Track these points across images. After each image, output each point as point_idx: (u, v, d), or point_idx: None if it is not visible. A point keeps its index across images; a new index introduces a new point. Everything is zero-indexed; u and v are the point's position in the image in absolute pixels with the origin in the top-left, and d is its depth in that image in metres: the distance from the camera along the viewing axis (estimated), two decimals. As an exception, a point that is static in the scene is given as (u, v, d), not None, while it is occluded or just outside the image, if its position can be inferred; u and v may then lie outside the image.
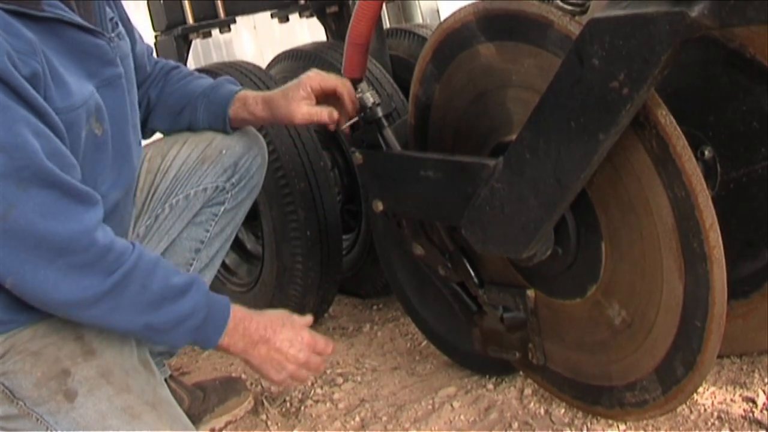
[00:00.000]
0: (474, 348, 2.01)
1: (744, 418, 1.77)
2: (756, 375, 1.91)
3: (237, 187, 2.07)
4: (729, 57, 1.79)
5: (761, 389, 1.84)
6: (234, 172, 2.05)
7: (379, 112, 1.92)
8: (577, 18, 1.58)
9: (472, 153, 1.82)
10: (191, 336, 1.66)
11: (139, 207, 1.99)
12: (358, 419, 2.10)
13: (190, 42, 2.85)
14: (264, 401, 2.29)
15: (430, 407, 2.08)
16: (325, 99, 1.96)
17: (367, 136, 1.96)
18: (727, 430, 1.75)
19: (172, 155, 2.01)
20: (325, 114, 1.93)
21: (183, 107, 2.03)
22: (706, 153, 1.85)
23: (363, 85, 1.95)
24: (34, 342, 1.62)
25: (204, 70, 2.65)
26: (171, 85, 2.05)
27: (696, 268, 1.50)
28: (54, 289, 1.50)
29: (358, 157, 1.96)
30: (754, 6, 1.21)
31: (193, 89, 2.03)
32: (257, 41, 5.32)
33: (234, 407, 2.23)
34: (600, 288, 1.69)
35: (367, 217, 2.65)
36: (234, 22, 2.95)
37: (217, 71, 2.55)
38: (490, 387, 2.11)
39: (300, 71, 1.99)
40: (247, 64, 2.74)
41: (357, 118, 1.96)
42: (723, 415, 1.79)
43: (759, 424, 1.74)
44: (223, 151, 2.03)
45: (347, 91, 1.94)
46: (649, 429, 1.79)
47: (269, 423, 2.18)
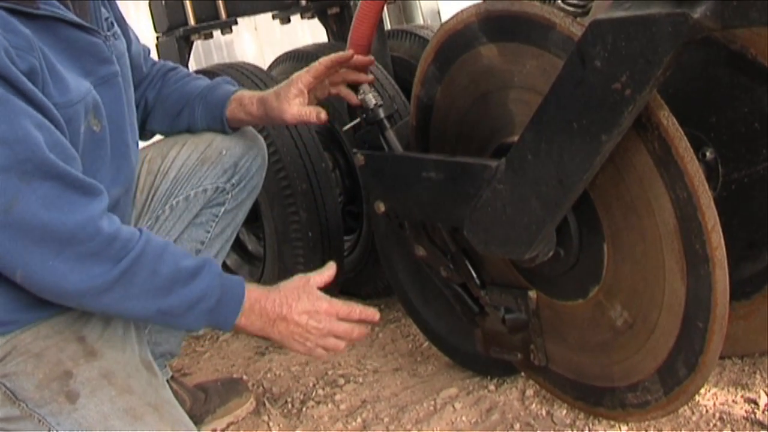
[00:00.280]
0: (476, 349, 2.01)
1: (746, 419, 1.77)
2: (758, 376, 1.91)
3: (237, 188, 2.07)
4: (731, 58, 1.79)
5: (763, 390, 1.84)
6: (234, 172, 2.05)
7: (381, 113, 1.92)
8: (579, 19, 1.58)
9: (474, 154, 1.82)
10: (206, 318, 1.64)
11: (140, 208, 1.99)
12: (359, 420, 2.10)
13: (191, 43, 2.85)
14: (266, 402, 2.29)
15: (431, 408, 2.08)
16: (333, 78, 1.99)
17: (369, 137, 1.97)
18: (729, 431, 1.75)
19: (171, 156, 2.01)
20: (313, 114, 1.93)
21: (181, 108, 2.03)
22: (707, 154, 1.85)
23: (365, 86, 1.95)
24: (35, 343, 1.61)
25: (205, 71, 2.65)
26: (169, 87, 2.05)
27: (698, 269, 1.50)
28: (63, 280, 1.50)
29: (359, 159, 1.96)
30: (756, 7, 1.22)
31: (191, 90, 2.04)
32: (258, 42, 5.32)
33: (235, 408, 2.23)
34: (602, 289, 1.69)
35: (369, 218, 2.65)
36: (235, 23, 2.95)
37: (218, 72, 2.55)
38: (491, 388, 2.11)
39: (301, 72, 2.00)
40: (249, 65, 2.74)
41: (359, 119, 1.96)
42: (725, 416, 1.79)
43: (761, 425, 1.74)
44: (223, 152, 2.02)
45: (332, 59, 1.95)
46: (651, 430, 1.79)
47: (271, 424, 2.18)
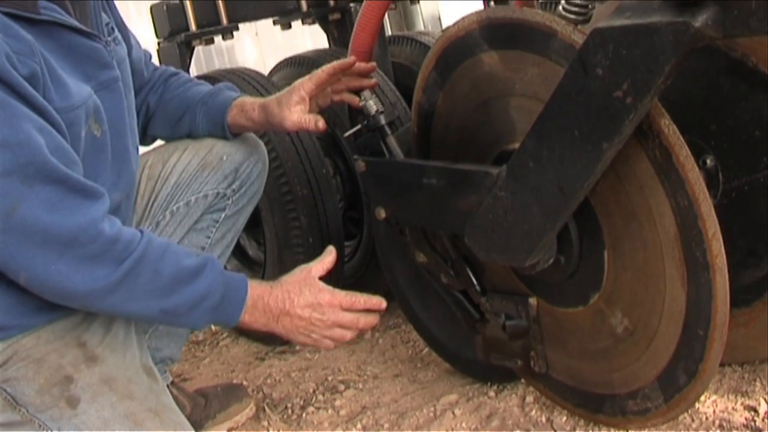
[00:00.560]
0: (476, 355, 2.00)
1: (745, 426, 1.77)
2: (757, 384, 1.91)
3: (238, 194, 2.07)
4: (731, 66, 1.79)
5: (763, 398, 1.84)
6: (235, 178, 2.05)
7: (382, 119, 1.92)
8: (580, 27, 1.58)
9: (475, 161, 1.82)
10: (210, 316, 1.65)
11: (140, 213, 1.99)
12: (359, 426, 2.10)
13: (192, 49, 2.85)
14: (266, 408, 2.29)
15: (431, 414, 2.08)
16: (335, 86, 1.99)
17: (370, 143, 1.97)
18: (729, 438, 1.75)
19: (172, 162, 2.01)
20: (312, 122, 1.93)
21: (182, 114, 2.04)
22: (708, 162, 1.85)
23: (366, 93, 1.95)
24: (36, 348, 1.62)
25: (206, 76, 2.65)
26: (170, 92, 2.06)
27: (698, 276, 1.50)
28: (67, 282, 1.51)
29: (360, 165, 1.96)
30: (757, 17, 1.22)
31: (192, 96, 2.04)
32: (259, 47, 5.33)
33: (235, 414, 2.23)
34: (602, 296, 1.69)
35: (369, 224, 2.65)
36: (237, 29, 2.95)
37: (220, 78, 2.55)
38: (491, 394, 2.10)
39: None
40: (250, 71, 2.74)
41: (360, 125, 1.96)
42: (724, 424, 1.79)
43: (760, 432, 1.74)
44: (224, 158, 2.03)
45: (334, 66, 1.95)
46: (652, 437, 1.79)
47: (271, 429, 2.18)
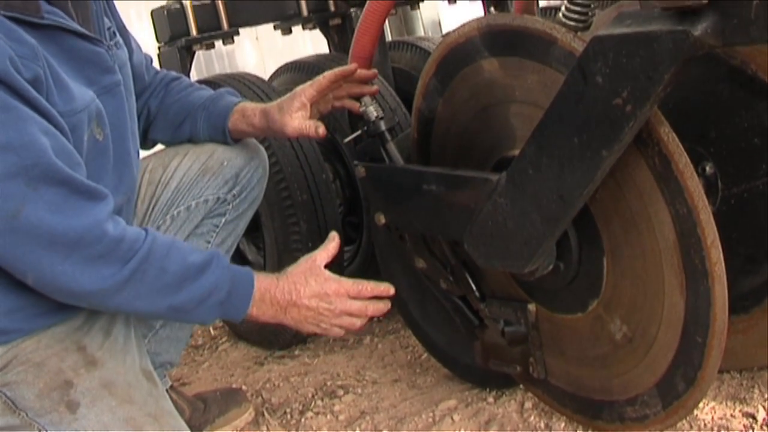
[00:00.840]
0: (475, 361, 2.01)
1: (744, 433, 1.78)
2: (756, 390, 1.91)
3: (238, 199, 2.07)
4: (730, 73, 1.80)
5: (761, 405, 1.84)
6: (235, 183, 2.05)
7: (382, 125, 1.93)
8: (580, 34, 1.59)
9: (474, 167, 1.82)
10: (218, 311, 1.66)
11: (141, 218, 1.99)
12: (358, 431, 2.10)
13: (193, 53, 2.85)
14: (265, 412, 2.29)
15: (430, 420, 2.08)
16: (336, 92, 2.00)
17: (370, 149, 1.97)
18: (727, 445, 1.75)
19: (173, 167, 2.01)
20: (313, 128, 1.93)
21: (183, 119, 2.04)
22: (707, 169, 1.85)
23: (366, 99, 1.96)
24: (36, 353, 1.62)
25: (206, 81, 2.66)
26: (171, 97, 2.06)
27: (697, 284, 1.51)
28: (74, 283, 1.51)
29: (360, 170, 1.97)
30: (756, 26, 1.22)
31: (194, 101, 2.04)
32: (259, 52, 5.33)
33: (234, 418, 2.22)
34: (601, 303, 1.70)
35: (369, 229, 2.66)
36: (237, 33, 2.95)
37: (220, 83, 2.56)
38: (490, 400, 2.10)
39: (303, 83, 1.99)
40: (250, 75, 2.75)
41: (360, 131, 1.97)
42: (723, 431, 1.79)
43: (759, 439, 1.75)
44: (225, 163, 2.03)
45: (335, 73, 1.96)
46: (650, 444, 1.79)
47: (270, 434, 2.18)
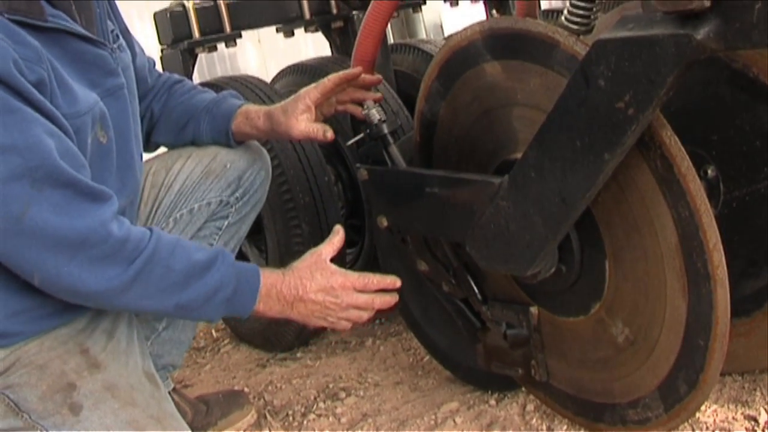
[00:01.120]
0: (477, 364, 2.01)
1: (746, 436, 1.78)
2: (758, 393, 1.91)
3: (241, 202, 2.08)
4: (732, 77, 1.80)
5: (763, 407, 1.85)
6: (238, 186, 2.05)
7: (385, 128, 1.93)
8: (582, 37, 1.59)
9: (476, 170, 1.83)
10: (225, 308, 1.66)
11: (144, 221, 1.99)
12: (360, 434, 2.11)
13: (195, 56, 2.86)
14: (267, 415, 2.29)
15: (432, 422, 2.08)
16: (340, 96, 2.01)
17: (373, 152, 1.98)
18: (729, 448, 1.76)
19: (176, 169, 2.02)
20: (320, 132, 1.94)
21: (187, 121, 2.04)
22: (709, 172, 1.86)
23: (369, 102, 1.96)
24: (39, 355, 1.62)
25: (209, 84, 2.66)
26: (175, 99, 2.06)
27: (699, 287, 1.51)
28: (80, 283, 1.52)
29: (363, 173, 1.97)
30: (759, 30, 1.23)
31: (197, 103, 2.04)
32: (261, 55, 5.33)
33: (237, 421, 2.23)
34: (603, 306, 1.70)
35: (371, 232, 2.66)
36: (240, 36, 2.96)
37: (222, 85, 2.56)
38: (492, 403, 2.11)
39: (305, 86, 1.99)
40: (252, 78, 2.75)
41: (363, 134, 1.97)
42: (725, 433, 1.80)
43: (761, 442, 1.75)
44: (228, 166, 2.03)
45: (340, 76, 1.97)
46: (652, 446, 1.79)
47: (272, 437, 2.19)
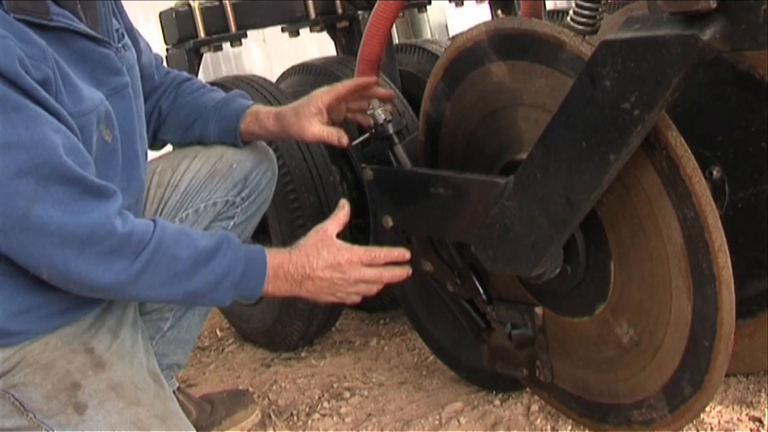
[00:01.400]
0: (481, 364, 2.01)
1: (751, 437, 1.78)
2: (762, 394, 1.91)
3: (247, 202, 2.07)
4: (738, 78, 1.80)
5: (767, 409, 1.85)
6: (244, 186, 2.05)
7: (390, 128, 1.93)
8: (588, 38, 1.59)
9: (482, 171, 1.83)
10: (233, 292, 1.67)
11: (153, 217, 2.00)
12: (365, 433, 2.11)
13: (201, 55, 2.86)
14: (271, 414, 2.29)
15: (437, 422, 2.08)
16: (351, 103, 2.01)
17: (378, 152, 1.97)
18: (734, 449, 1.75)
19: (182, 169, 2.02)
20: (335, 136, 1.94)
21: (195, 120, 2.04)
22: (714, 173, 1.86)
23: (374, 102, 1.96)
24: (44, 354, 1.62)
25: (215, 83, 2.66)
26: (183, 97, 2.06)
27: (705, 288, 1.51)
28: (88, 278, 1.53)
29: (368, 173, 1.97)
30: (765, 31, 1.23)
31: (206, 102, 2.04)
32: (266, 54, 5.34)
33: (241, 420, 2.23)
34: (608, 306, 1.70)
35: (376, 232, 2.66)
36: (245, 36, 2.96)
37: (228, 85, 2.56)
38: (497, 403, 2.11)
39: (310, 86, 1.99)
40: (258, 78, 2.75)
41: (368, 134, 1.97)
42: (729, 434, 1.80)
43: (766, 443, 1.75)
44: (234, 166, 2.03)
45: (355, 84, 1.98)
46: (656, 447, 1.79)
47: (276, 436, 2.19)
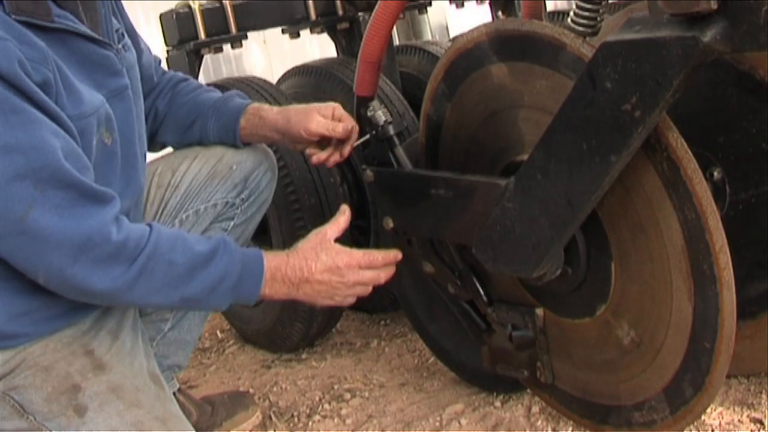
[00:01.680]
0: (482, 365, 2.01)
1: (752, 439, 1.77)
2: (763, 396, 1.91)
3: (247, 203, 2.07)
4: (739, 79, 1.80)
5: (769, 410, 1.85)
6: (244, 187, 2.05)
7: (391, 130, 1.93)
8: (589, 39, 1.59)
9: (482, 172, 1.83)
10: (230, 296, 1.67)
11: (149, 221, 1.99)
12: (365, 435, 2.11)
13: (201, 57, 2.86)
14: (272, 416, 2.29)
15: (437, 424, 2.08)
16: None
17: (378, 153, 1.97)
18: (735, 451, 1.75)
19: (182, 170, 2.02)
20: (340, 127, 1.94)
21: (193, 120, 2.04)
22: (715, 174, 1.86)
23: (375, 103, 1.96)
24: (44, 357, 1.62)
25: (215, 84, 2.66)
26: (180, 98, 2.06)
27: (705, 289, 1.51)
28: (85, 284, 1.53)
29: (369, 175, 1.97)
30: (766, 32, 1.22)
31: (204, 101, 2.04)
32: (267, 56, 5.33)
33: (242, 421, 2.23)
34: (609, 308, 1.70)
35: (376, 234, 2.66)
36: (245, 37, 2.95)
37: (228, 86, 2.56)
38: (497, 404, 2.11)
39: (310, 87, 1.99)
40: (258, 79, 2.75)
41: (368, 135, 1.97)
42: (730, 436, 1.79)
43: (767, 445, 1.74)
44: (234, 167, 2.03)
45: (348, 129, 1.97)
46: (657, 449, 1.79)
47: (277, 438, 2.19)
